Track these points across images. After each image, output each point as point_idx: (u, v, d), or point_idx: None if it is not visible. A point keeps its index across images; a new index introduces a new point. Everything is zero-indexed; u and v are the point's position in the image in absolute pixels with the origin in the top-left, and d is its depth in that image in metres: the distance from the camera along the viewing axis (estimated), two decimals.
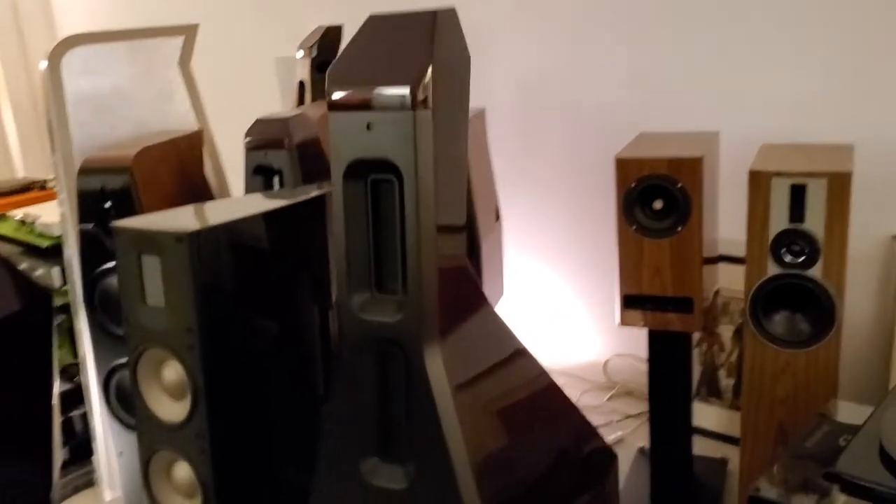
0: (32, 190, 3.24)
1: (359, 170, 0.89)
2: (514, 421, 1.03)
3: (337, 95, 0.88)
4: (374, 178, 0.88)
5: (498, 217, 2.34)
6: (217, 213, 1.15)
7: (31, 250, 2.23)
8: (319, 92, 2.68)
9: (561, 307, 3.03)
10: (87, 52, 1.91)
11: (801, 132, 2.25)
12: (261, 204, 1.11)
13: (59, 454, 1.72)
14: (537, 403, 1.10)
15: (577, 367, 3.08)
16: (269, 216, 1.06)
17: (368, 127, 0.85)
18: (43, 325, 1.60)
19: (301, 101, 2.74)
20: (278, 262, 1.02)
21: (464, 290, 0.96)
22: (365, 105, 0.85)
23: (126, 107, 2.04)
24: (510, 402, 1.03)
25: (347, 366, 0.92)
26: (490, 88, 3.05)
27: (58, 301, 1.93)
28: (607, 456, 1.22)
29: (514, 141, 3.00)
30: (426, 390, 0.89)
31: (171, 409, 1.12)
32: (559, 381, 3.06)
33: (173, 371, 1.12)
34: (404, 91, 0.83)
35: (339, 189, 0.89)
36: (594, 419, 2.76)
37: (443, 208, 0.87)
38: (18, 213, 2.55)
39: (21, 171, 4.42)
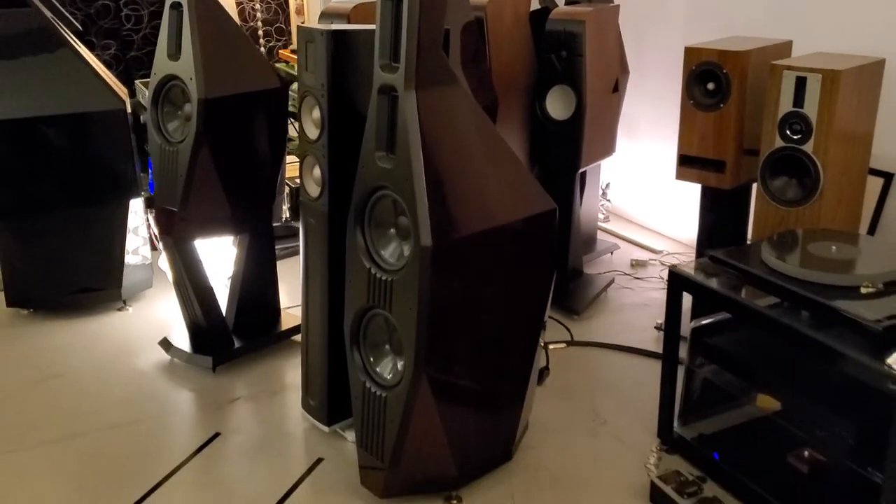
0: None
1: None
2: (467, 152, 1.82)
3: None
4: None
5: (616, 89, 3.01)
6: (357, 27, 2.06)
7: None
8: None
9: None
10: None
11: (873, 49, 2.60)
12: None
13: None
14: (490, 152, 1.88)
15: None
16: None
17: None
18: (283, 103, 2.66)
19: None
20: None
21: (440, 72, 1.76)
22: None
23: None
24: (467, 140, 1.82)
25: (376, 102, 1.80)
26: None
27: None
28: (548, 206, 1.98)
29: (671, 40, 3.55)
30: (403, 117, 1.74)
31: (313, 132, 2.08)
32: (665, 247, 3.67)
33: (316, 111, 2.07)
34: None
35: (378, 2, 1.75)
36: None
37: (424, 17, 1.69)
38: None
39: None
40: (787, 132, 2.31)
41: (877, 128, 2.46)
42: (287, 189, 3.66)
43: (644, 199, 3.97)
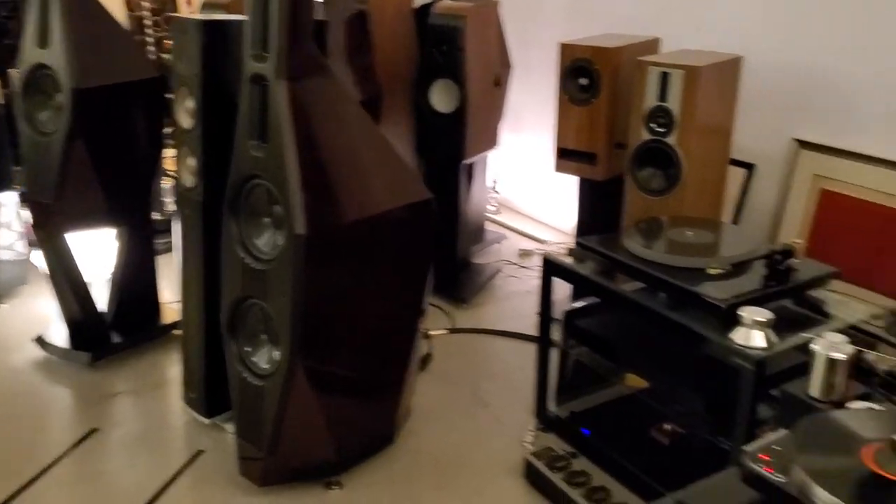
0: None
1: None
2: (340, 141, 1.85)
3: None
4: None
5: (498, 84, 3.09)
6: (230, 17, 2.06)
7: None
8: None
9: None
10: None
11: (733, 48, 2.76)
12: None
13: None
14: (365, 142, 1.92)
15: None
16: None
17: None
18: (161, 94, 2.61)
19: None
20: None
21: (311, 62, 1.79)
22: None
23: None
24: (340, 130, 1.86)
25: (247, 91, 1.81)
26: None
27: None
28: (424, 196, 2.03)
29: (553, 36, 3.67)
30: (274, 106, 1.76)
31: (187, 122, 2.07)
32: (551, 237, 3.81)
33: (190, 101, 2.06)
34: None
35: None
36: None
37: (291, 8, 1.71)
38: None
39: None
40: (653, 125, 2.44)
41: (738, 121, 2.62)
42: (172, 182, 3.59)
43: (531, 190, 4.08)
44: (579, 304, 2.27)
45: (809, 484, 1.15)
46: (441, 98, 2.95)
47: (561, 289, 2.27)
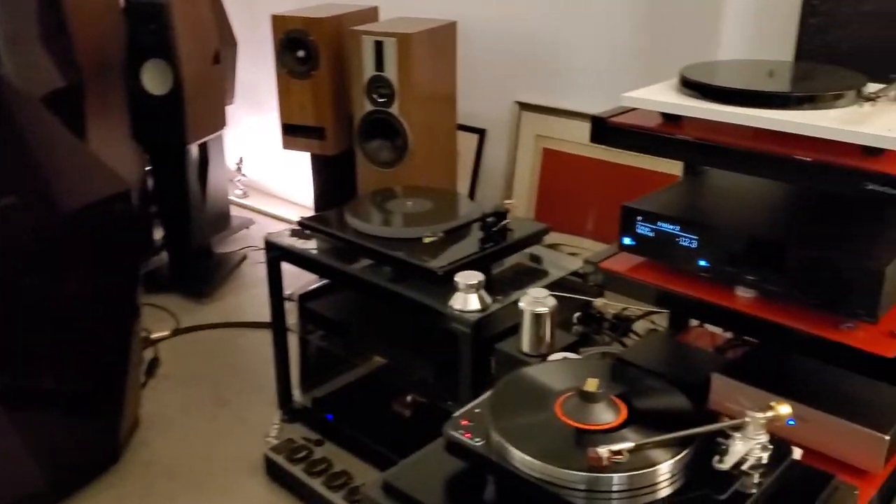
0: None
1: None
2: (7, 141, 1.64)
3: None
4: None
5: (217, 61, 2.91)
6: None
7: None
8: None
9: None
10: None
11: (451, 14, 2.77)
12: None
13: None
14: (40, 138, 1.71)
15: None
16: None
17: None
18: None
19: None
20: None
21: None
22: None
23: None
24: (7, 128, 1.64)
25: None
26: None
27: None
28: (118, 188, 1.85)
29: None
30: None
31: None
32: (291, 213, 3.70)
33: None
34: None
35: None
36: None
37: None
38: None
39: None
40: (374, 96, 2.39)
41: (465, 87, 2.63)
42: None
43: (279, 171, 3.93)
44: (314, 286, 2.19)
45: (505, 445, 1.14)
46: (153, 80, 2.73)
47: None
